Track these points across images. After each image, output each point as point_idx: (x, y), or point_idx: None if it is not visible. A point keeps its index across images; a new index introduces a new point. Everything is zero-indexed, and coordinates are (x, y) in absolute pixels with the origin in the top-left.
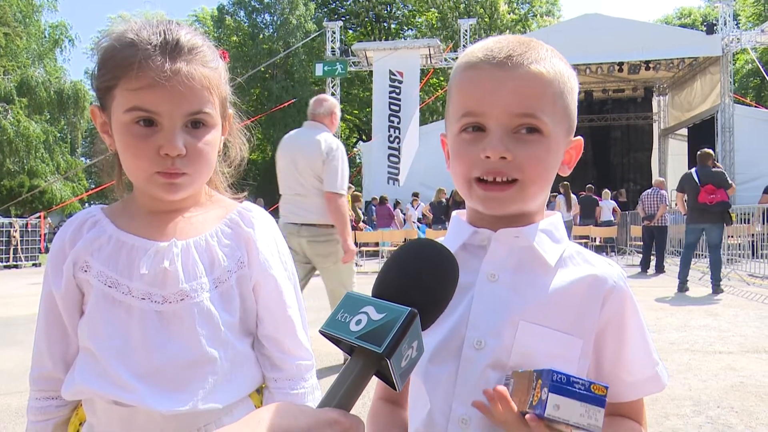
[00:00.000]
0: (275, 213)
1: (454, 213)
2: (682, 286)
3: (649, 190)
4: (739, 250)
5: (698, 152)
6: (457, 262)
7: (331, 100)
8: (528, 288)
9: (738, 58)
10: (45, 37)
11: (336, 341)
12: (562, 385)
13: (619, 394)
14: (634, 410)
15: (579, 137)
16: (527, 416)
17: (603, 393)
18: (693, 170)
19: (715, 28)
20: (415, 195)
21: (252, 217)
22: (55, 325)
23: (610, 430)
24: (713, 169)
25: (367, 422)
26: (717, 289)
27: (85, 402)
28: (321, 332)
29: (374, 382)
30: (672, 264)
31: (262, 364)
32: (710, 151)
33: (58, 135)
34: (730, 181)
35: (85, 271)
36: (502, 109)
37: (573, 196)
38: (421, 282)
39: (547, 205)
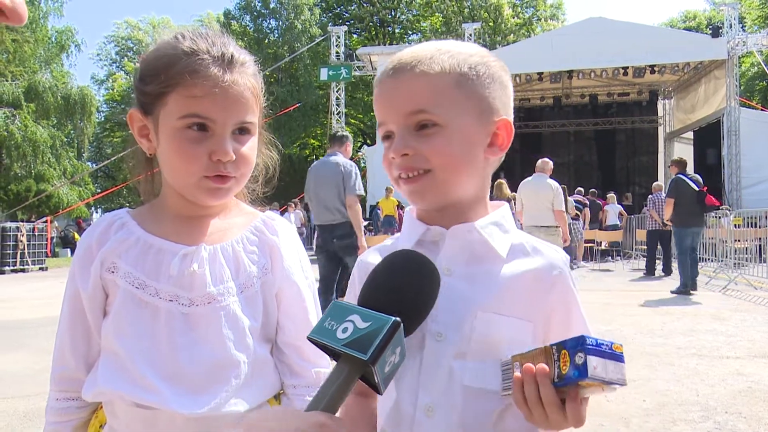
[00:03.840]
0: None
1: (406, 210)
2: (694, 285)
3: (654, 195)
4: (746, 254)
5: (678, 159)
6: (439, 273)
7: (550, 163)
8: (482, 279)
9: (744, 62)
10: (52, 42)
11: (323, 347)
12: (595, 347)
13: None
14: None
15: (504, 117)
16: (565, 391)
17: (621, 351)
18: (681, 176)
19: (720, 31)
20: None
21: (276, 225)
22: (79, 324)
23: None
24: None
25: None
26: (693, 286)
27: (105, 404)
28: (309, 338)
29: None
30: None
31: (281, 370)
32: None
33: (65, 140)
34: None
35: (112, 272)
36: (396, 113)
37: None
38: (405, 293)
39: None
